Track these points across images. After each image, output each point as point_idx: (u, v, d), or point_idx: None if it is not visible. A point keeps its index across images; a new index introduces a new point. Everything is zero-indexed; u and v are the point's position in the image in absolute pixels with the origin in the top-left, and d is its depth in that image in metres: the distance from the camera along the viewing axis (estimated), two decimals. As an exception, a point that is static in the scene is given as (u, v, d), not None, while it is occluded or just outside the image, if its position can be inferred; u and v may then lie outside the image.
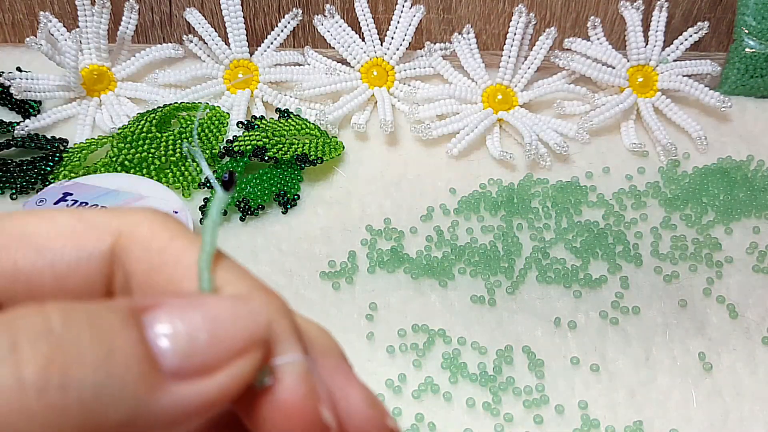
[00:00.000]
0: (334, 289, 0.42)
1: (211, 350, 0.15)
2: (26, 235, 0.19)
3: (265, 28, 0.53)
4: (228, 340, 0.16)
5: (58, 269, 0.19)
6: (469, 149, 0.49)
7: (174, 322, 0.15)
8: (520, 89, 0.50)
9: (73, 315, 0.14)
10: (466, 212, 0.45)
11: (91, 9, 0.50)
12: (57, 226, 0.19)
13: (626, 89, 0.50)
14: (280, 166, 0.46)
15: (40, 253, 0.19)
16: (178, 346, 0.15)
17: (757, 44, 0.50)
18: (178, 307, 0.16)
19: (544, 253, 0.43)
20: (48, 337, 0.14)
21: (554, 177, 0.47)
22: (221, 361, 0.15)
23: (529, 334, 0.40)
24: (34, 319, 0.14)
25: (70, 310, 0.14)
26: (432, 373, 0.38)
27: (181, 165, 0.46)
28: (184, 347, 0.15)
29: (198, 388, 0.15)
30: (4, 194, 0.46)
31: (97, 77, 0.51)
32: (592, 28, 0.50)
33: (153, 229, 0.19)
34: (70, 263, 0.19)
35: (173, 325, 0.15)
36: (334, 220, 0.45)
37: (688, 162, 0.48)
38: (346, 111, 0.49)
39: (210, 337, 0.15)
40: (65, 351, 0.14)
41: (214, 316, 0.16)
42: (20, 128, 0.48)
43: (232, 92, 0.51)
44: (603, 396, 0.37)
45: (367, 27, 0.51)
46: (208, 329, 0.15)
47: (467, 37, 0.51)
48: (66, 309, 0.14)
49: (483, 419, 0.37)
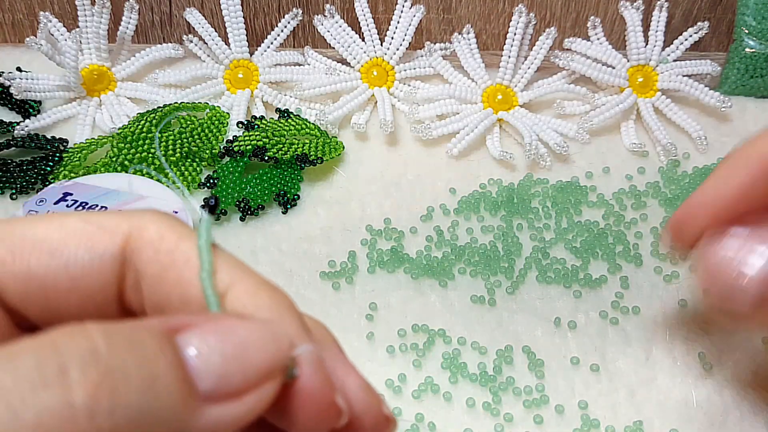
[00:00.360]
0: (334, 289, 0.42)
1: (241, 375, 0.16)
2: (38, 239, 0.19)
3: (265, 28, 0.53)
4: (256, 365, 0.16)
5: (72, 271, 0.19)
6: (469, 149, 0.49)
7: (206, 346, 0.16)
8: (520, 89, 0.50)
9: (116, 338, 0.15)
10: (466, 212, 0.45)
11: (91, 9, 0.50)
12: (67, 229, 0.19)
13: (626, 89, 0.50)
14: (280, 166, 0.46)
15: (54, 256, 0.19)
16: (212, 371, 0.16)
17: (757, 44, 0.50)
18: (209, 331, 0.17)
19: (544, 253, 0.43)
20: (96, 362, 0.14)
21: (554, 177, 0.47)
22: (250, 385, 0.16)
23: (529, 334, 0.40)
24: (80, 342, 0.14)
25: (112, 332, 0.15)
26: (432, 373, 0.38)
27: (181, 165, 0.46)
28: (217, 372, 0.16)
29: (230, 409, 0.16)
30: (4, 194, 0.46)
31: (97, 77, 0.51)
32: (592, 28, 0.50)
33: (161, 231, 0.19)
34: (84, 265, 0.19)
35: (206, 349, 0.16)
36: (334, 220, 0.45)
37: (688, 162, 0.48)
38: (346, 111, 0.49)
39: (240, 363, 0.16)
40: (112, 375, 0.14)
41: (242, 341, 0.17)
42: (20, 128, 0.48)
43: (232, 92, 0.51)
44: (603, 396, 0.37)
45: (367, 27, 0.51)
46: (238, 356, 0.16)
47: (467, 37, 0.51)
48: (108, 332, 0.15)
49: (483, 419, 0.37)
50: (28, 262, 0.19)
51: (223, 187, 0.45)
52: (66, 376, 0.14)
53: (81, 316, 0.20)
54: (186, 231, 0.20)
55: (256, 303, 0.19)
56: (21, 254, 0.19)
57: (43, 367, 0.13)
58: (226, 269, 0.19)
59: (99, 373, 0.14)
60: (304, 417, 0.18)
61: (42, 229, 0.19)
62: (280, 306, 0.19)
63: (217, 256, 0.19)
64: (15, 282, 0.19)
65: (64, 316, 0.20)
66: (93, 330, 0.15)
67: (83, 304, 0.20)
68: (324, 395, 0.18)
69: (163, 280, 0.19)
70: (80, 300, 0.20)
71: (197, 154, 0.47)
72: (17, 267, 0.19)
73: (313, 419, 0.18)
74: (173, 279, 0.19)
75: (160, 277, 0.19)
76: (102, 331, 0.15)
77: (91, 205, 0.41)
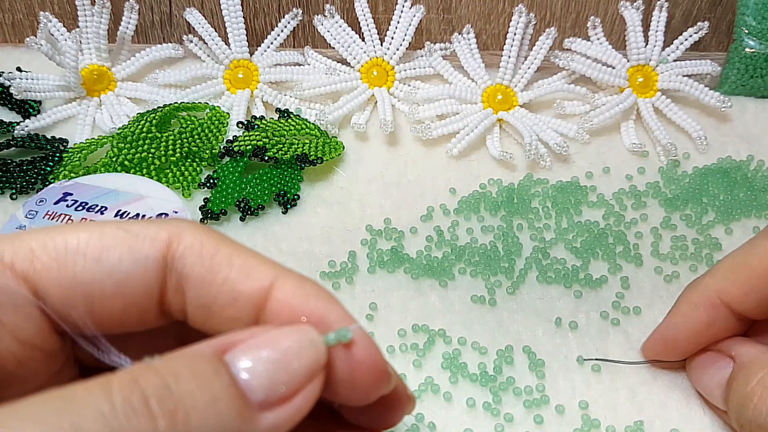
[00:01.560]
0: (334, 289, 0.42)
1: (288, 382, 0.19)
2: (81, 247, 0.20)
3: (265, 28, 0.53)
4: (300, 371, 0.19)
5: (117, 278, 0.21)
6: (469, 149, 0.49)
7: (253, 361, 0.19)
8: (520, 89, 0.50)
9: (180, 371, 0.17)
10: (466, 212, 0.45)
11: (91, 9, 0.50)
12: (108, 237, 0.21)
13: (626, 89, 0.50)
14: (280, 166, 0.46)
15: (100, 263, 0.21)
16: (262, 383, 0.18)
17: (757, 44, 0.50)
18: (254, 346, 0.19)
19: (545, 253, 0.43)
20: (170, 394, 0.17)
21: (554, 177, 0.47)
22: (296, 389, 0.19)
23: (530, 334, 0.40)
24: (154, 379, 0.17)
25: (176, 366, 0.18)
26: (432, 373, 0.38)
27: (181, 165, 0.46)
28: (266, 383, 0.18)
29: (281, 413, 0.19)
30: (4, 194, 0.46)
31: (97, 77, 0.51)
32: (592, 28, 0.50)
33: (199, 238, 0.21)
34: (128, 271, 0.21)
35: (253, 364, 0.19)
36: (334, 220, 0.45)
37: (688, 162, 0.48)
38: (346, 111, 0.49)
39: (285, 371, 0.19)
40: (183, 403, 0.17)
41: (284, 351, 0.19)
42: (20, 128, 0.48)
43: (232, 92, 0.51)
44: (603, 396, 0.37)
45: (367, 27, 0.51)
46: (282, 365, 0.19)
47: (467, 37, 0.51)
48: (173, 366, 0.18)
49: (483, 419, 0.37)
50: (73, 270, 0.20)
51: (223, 187, 0.45)
52: (149, 406, 0.16)
53: (123, 320, 0.22)
54: (221, 236, 0.22)
55: (304, 293, 0.21)
56: (65, 262, 0.20)
57: (131, 400, 0.16)
58: (268, 264, 0.21)
59: (173, 403, 0.17)
60: (362, 386, 0.21)
61: (84, 237, 0.21)
62: (323, 294, 0.21)
63: (254, 254, 0.21)
64: (60, 288, 0.20)
65: (105, 320, 0.21)
66: (161, 367, 0.17)
67: (126, 308, 0.21)
68: (379, 364, 0.21)
69: (210, 281, 0.21)
70: (123, 305, 0.21)
71: (197, 154, 0.47)
72: (62, 274, 0.20)
73: (371, 386, 0.21)
74: (219, 279, 0.21)
75: (205, 279, 0.21)
76: (169, 368, 0.17)
77: (91, 205, 0.41)
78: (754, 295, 0.33)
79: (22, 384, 0.21)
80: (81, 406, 0.16)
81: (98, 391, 0.16)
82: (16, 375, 0.20)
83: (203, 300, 0.21)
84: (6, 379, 0.20)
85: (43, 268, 0.20)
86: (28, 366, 0.21)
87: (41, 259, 0.20)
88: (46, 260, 0.20)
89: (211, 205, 0.44)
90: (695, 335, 0.35)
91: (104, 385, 0.16)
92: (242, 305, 0.21)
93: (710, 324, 0.34)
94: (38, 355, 0.21)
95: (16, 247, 0.20)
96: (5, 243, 0.20)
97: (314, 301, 0.21)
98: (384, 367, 0.21)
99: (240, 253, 0.21)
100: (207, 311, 0.21)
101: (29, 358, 0.21)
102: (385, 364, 0.21)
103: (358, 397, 0.21)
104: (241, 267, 0.21)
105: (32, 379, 0.21)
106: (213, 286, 0.21)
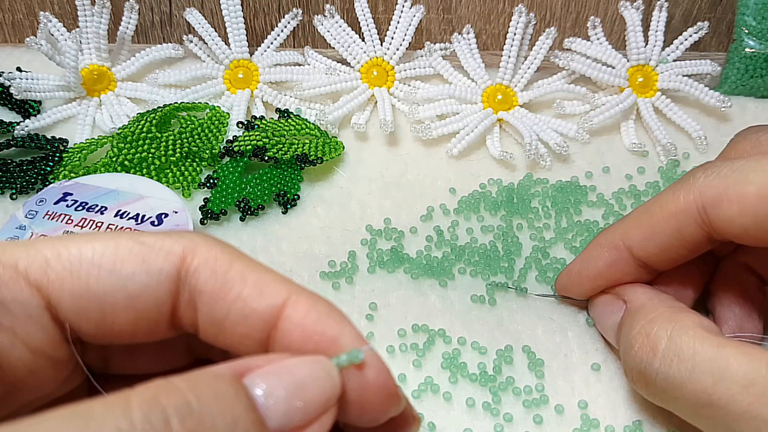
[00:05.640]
0: (334, 289, 0.42)
1: (303, 411, 0.19)
2: (95, 259, 0.20)
3: (265, 28, 0.53)
4: (316, 400, 0.19)
5: (131, 290, 0.21)
6: (469, 149, 0.49)
7: (271, 387, 0.19)
8: (520, 89, 0.50)
9: (202, 390, 0.17)
10: (466, 212, 0.45)
11: (91, 9, 0.50)
12: (122, 249, 0.21)
13: (626, 89, 0.50)
14: (280, 166, 0.46)
15: (113, 275, 0.20)
16: (279, 409, 0.18)
17: (757, 44, 0.50)
18: (271, 372, 0.19)
19: (544, 253, 0.43)
20: (190, 413, 0.17)
21: (554, 177, 0.47)
22: (312, 419, 0.19)
23: (529, 333, 0.40)
24: (175, 397, 0.17)
25: (197, 385, 0.17)
26: (432, 373, 0.38)
27: (181, 165, 0.46)
28: (282, 410, 0.18)
29: None
30: (4, 194, 0.46)
31: (97, 77, 0.51)
32: (592, 28, 0.50)
33: (213, 253, 0.21)
34: (142, 284, 0.21)
35: (271, 390, 0.19)
36: (334, 220, 0.45)
37: (688, 162, 0.48)
38: (346, 111, 0.49)
39: (302, 400, 0.19)
40: (204, 423, 0.17)
41: (301, 380, 0.19)
42: (20, 128, 0.48)
43: (232, 92, 0.51)
44: (603, 396, 0.37)
45: (367, 27, 0.51)
46: (299, 394, 0.19)
47: (467, 37, 0.51)
48: (194, 385, 0.17)
49: (483, 419, 0.37)
50: (87, 281, 0.20)
51: (223, 187, 0.45)
52: (170, 425, 0.16)
53: (133, 331, 0.21)
54: (235, 251, 0.22)
55: (317, 312, 0.21)
56: (79, 272, 0.20)
57: (151, 418, 0.16)
58: (282, 281, 0.21)
59: (194, 422, 0.17)
60: (372, 407, 0.21)
61: (99, 248, 0.20)
62: (335, 314, 0.21)
63: (268, 270, 0.21)
64: (72, 299, 0.20)
65: (116, 331, 0.21)
66: (182, 385, 0.17)
67: (137, 320, 0.21)
68: (390, 386, 0.21)
69: (223, 297, 0.21)
70: (135, 316, 0.21)
71: (197, 154, 0.47)
72: (76, 284, 0.20)
73: (381, 408, 0.21)
74: (232, 296, 0.21)
75: (218, 295, 0.21)
76: (190, 387, 0.17)
77: (90, 205, 0.41)
78: (654, 241, 0.34)
79: (31, 391, 0.21)
80: (100, 422, 0.16)
81: (117, 408, 0.16)
82: (26, 382, 0.20)
83: (215, 315, 0.21)
84: (16, 387, 0.20)
85: (57, 278, 0.20)
86: (38, 374, 0.21)
87: (55, 269, 0.20)
88: (60, 270, 0.20)
89: (211, 205, 0.44)
90: (597, 274, 0.37)
91: (123, 402, 0.16)
92: (254, 322, 0.21)
93: (611, 264, 0.36)
94: (49, 363, 0.21)
95: (30, 255, 0.20)
96: (20, 251, 0.20)
97: (326, 320, 0.21)
98: (394, 389, 0.21)
99: (254, 269, 0.21)
100: (219, 327, 0.21)
101: (40, 366, 0.21)
102: (396, 386, 0.21)
103: (367, 418, 0.21)
104: (255, 284, 0.21)
105: (41, 386, 0.21)
106: (226, 302, 0.21)
